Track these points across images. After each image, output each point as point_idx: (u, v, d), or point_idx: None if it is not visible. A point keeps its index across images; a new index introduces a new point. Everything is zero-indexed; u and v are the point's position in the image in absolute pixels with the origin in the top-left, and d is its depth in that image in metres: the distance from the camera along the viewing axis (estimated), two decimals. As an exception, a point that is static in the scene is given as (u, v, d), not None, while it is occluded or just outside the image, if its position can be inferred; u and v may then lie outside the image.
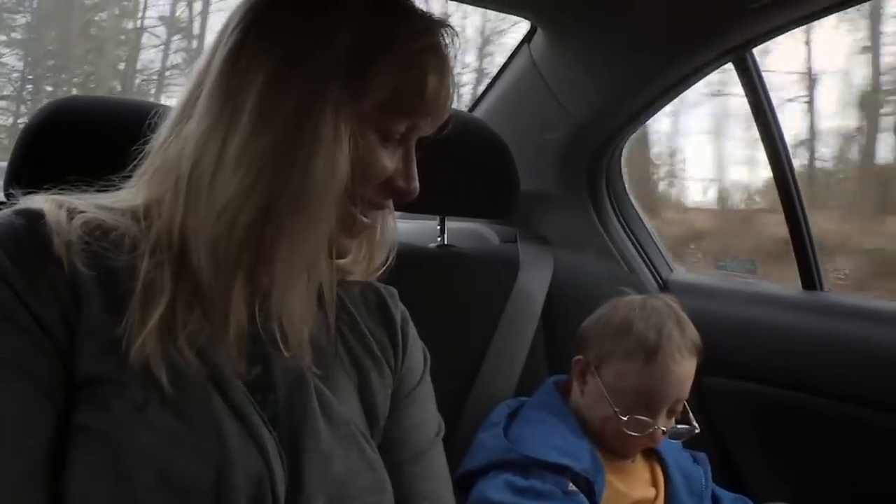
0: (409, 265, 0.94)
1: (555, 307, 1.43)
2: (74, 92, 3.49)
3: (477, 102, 1.80)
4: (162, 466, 0.64)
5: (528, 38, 1.63)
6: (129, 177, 0.79)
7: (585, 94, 1.62)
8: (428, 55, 0.75)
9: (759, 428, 1.53)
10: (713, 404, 1.54)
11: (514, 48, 1.69)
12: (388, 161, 0.76)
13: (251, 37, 0.72)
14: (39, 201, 0.72)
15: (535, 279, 1.44)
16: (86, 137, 0.97)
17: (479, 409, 1.25)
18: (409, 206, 1.31)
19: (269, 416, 0.73)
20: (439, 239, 1.46)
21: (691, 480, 1.19)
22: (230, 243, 0.70)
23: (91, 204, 0.74)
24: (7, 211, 0.71)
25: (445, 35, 0.77)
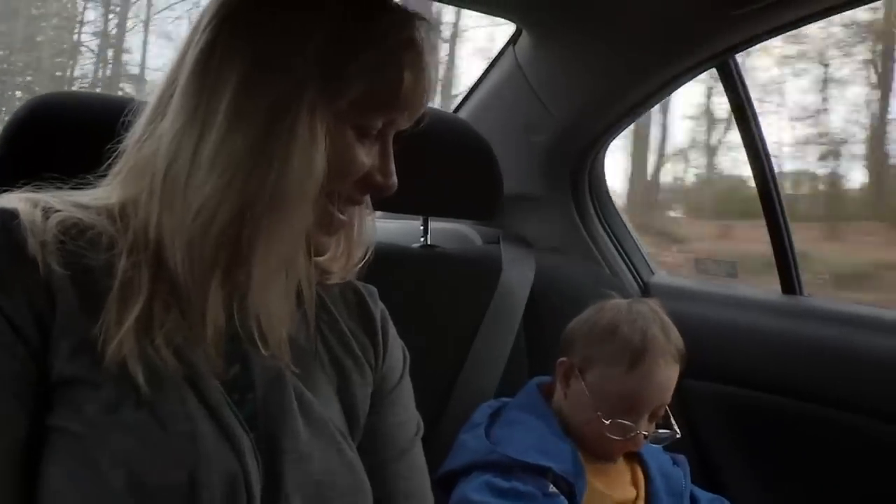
0: (392, 265, 0.94)
1: (537, 308, 1.43)
2: (19, 95, 3.93)
3: (461, 104, 1.80)
4: (135, 468, 0.63)
5: (513, 40, 1.63)
6: (105, 175, 0.78)
7: (569, 97, 1.63)
8: (404, 50, 0.75)
9: (738, 430, 1.54)
10: (693, 407, 1.54)
11: (499, 50, 1.70)
12: (366, 157, 0.76)
13: (223, 35, 0.72)
14: (14, 200, 0.71)
15: (517, 280, 1.44)
16: (69, 133, 0.96)
17: (460, 410, 1.25)
18: (393, 206, 1.33)
19: (246, 415, 0.72)
20: (422, 239, 1.46)
21: (671, 481, 1.19)
22: (206, 243, 0.70)
23: (67, 202, 0.73)
24: None
25: (422, 29, 0.77)
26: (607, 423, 1.10)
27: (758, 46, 1.42)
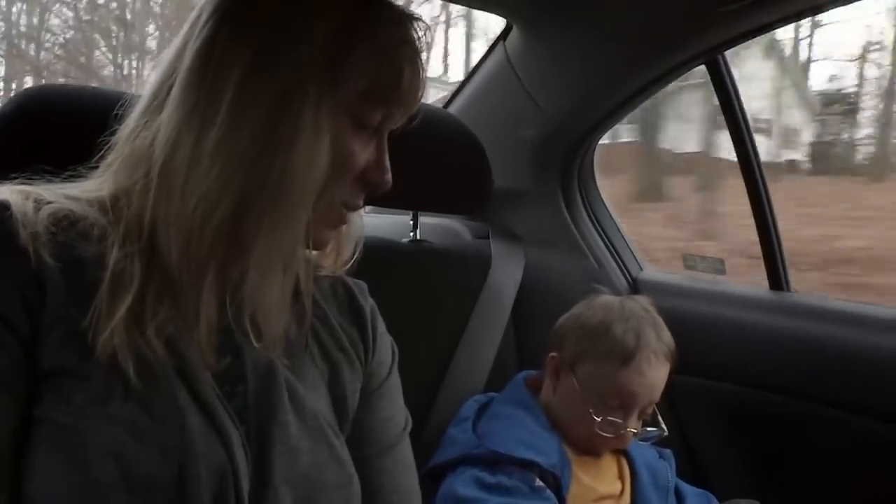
0: (382, 260, 0.94)
1: (525, 303, 1.43)
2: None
3: (452, 99, 1.80)
4: (123, 460, 0.64)
5: (503, 35, 1.63)
6: (97, 167, 0.77)
7: (560, 93, 1.63)
8: (403, 46, 0.76)
9: (725, 426, 1.55)
10: (680, 402, 1.55)
11: (489, 45, 1.70)
12: (363, 153, 0.76)
13: (225, 29, 0.71)
14: (5, 192, 0.71)
15: (506, 275, 1.44)
16: (58, 126, 0.95)
17: (448, 404, 1.25)
18: (383, 201, 1.32)
19: (237, 407, 0.73)
20: (412, 234, 1.46)
21: (657, 475, 1.20)
22: (203, 235, 0.70)
23: (59, 194, 0.73)
24: None
25: (418, 28, 0.78)
26: (598, 420, 1.11)
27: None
